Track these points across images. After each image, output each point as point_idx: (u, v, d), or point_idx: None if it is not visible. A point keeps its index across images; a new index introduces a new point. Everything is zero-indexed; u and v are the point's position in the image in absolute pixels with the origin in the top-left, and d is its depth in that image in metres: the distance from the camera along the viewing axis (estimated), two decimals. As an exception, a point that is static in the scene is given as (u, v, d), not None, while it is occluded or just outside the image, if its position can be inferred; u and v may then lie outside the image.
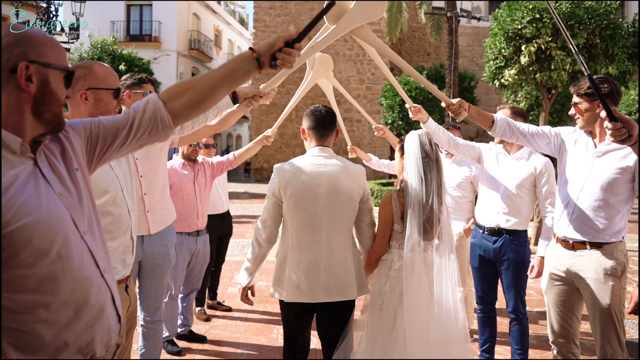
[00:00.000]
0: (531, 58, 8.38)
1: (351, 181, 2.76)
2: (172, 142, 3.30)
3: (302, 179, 2.71)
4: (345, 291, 2.70)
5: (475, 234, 3.72)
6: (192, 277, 4.43)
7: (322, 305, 2.71)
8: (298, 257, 2.71)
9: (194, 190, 4.23)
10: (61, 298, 1.20)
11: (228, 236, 5.35)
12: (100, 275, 1.33)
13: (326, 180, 2.71)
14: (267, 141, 4.42)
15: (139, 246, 3.13)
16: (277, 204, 2.75)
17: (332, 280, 2.68)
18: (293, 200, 2.70)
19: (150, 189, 3.13)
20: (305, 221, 2.71)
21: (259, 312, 5.31)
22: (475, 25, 26.68)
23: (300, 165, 2.76)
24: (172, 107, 1.51)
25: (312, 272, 2.68)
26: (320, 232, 2.70)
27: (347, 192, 2.73)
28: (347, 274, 2.71)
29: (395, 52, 3.08)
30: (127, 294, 2.22)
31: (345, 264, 2.72)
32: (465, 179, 4.32)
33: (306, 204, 2.70)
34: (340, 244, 2.73)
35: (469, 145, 3.70)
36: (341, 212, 2.73)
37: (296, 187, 2.69)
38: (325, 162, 2.77)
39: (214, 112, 2.51)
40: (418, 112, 3.48)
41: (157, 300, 3.28)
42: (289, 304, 2.73)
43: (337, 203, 2.71)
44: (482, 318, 3.77)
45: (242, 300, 2.92)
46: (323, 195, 2.70)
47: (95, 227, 1.38)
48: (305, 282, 2.67)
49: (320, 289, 2.67)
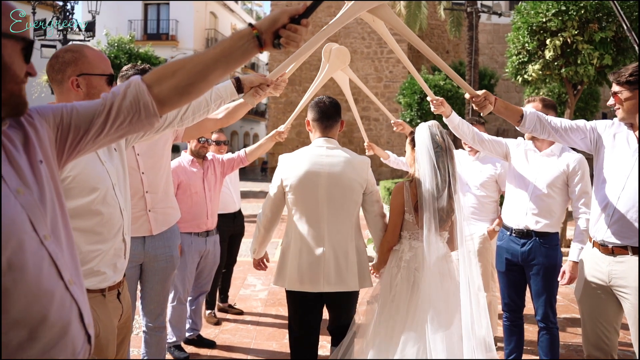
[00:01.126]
0: (556, 52, 8.04)
1: (353, 172, 2.77)
2: (177, 137, 3.10)
3: (302, 169, 2.75)
4: (346, 282, 2.72)
5: (502, 236, 3.45)
6: (202, 279, 4.24)
7: (328, 295, 2.75)
8: (300, 246, 2.75)
9: (203, 189, 4.03)
10: (12, 316, 0.99)
11: (240, 236, 5.15)
12: (64, 287, 1.11)
13: (326, 171, 2.74)
14: (279, 137, 4.20)
15: (140, 248, 2.94)
16: (279, 193, 2.82)
17: (333, 270, 2.70)
18: (294, 190, 2.75)
19: (152, 186, 2.94)
20: (305, 211, 2.75)
21: (272, 316, 5.10)
22: (495, 22, 26.24)
23: (303, 155, 2.82)
24: (157, 92, 1.29)
25: (313, 261, 2.71)
26: (320, 222, 2.74)
27: (347, 183, 2.75)
28: (348, 264, 2.73)
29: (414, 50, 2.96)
30: (119, 302, 2.01)
31: (346, 254, 2.74)
32: (490, 178, 4.06)
33: (306, 194, 2.74)
34: (341, 235, 2.75)
35: (496, 141, 3.44)
36: (342, 202, 2.75)
37: (297, 177, 2.75)
38: (328, 152, 2.80)
39: (216, 103, 2.30)
40: (440, 105, 3.24)
41: (160, 305, 3.08)
42: (293, 293, 2.79)
43: (337, 194, 2.73)
44: (508, 326, 3.50)
45: (254, 267, 3.15)
46: (323, 185, 2.73)
47: (62, 230, 1.17)
48: (306, 271, 2.71)
49: (321, 279, 2.69)
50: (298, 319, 2.85)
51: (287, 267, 2.77)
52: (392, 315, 2.66)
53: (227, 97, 2.33)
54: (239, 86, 2.35)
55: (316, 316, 2.85)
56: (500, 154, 3.47)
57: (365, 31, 24.49)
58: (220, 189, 4.23)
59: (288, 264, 2.77)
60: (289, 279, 2.75)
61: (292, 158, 2.83)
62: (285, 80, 2.79)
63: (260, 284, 6.30)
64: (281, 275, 2.81)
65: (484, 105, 2.65)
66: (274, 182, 2.85)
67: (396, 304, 2.67)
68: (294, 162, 2.80)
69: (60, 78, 1.92)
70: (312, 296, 2.75)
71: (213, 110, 2.35)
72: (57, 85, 1.94)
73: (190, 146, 4.12)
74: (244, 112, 2.94)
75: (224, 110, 2.94)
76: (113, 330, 1.93)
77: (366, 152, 4.53)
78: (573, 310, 5.27)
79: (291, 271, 2.74)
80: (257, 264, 3.15)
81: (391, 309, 2.67)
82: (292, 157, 2.83)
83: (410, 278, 2.66)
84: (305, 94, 3.82)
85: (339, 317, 2.86)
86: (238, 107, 2.88)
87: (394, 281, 2.71)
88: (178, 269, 3.92)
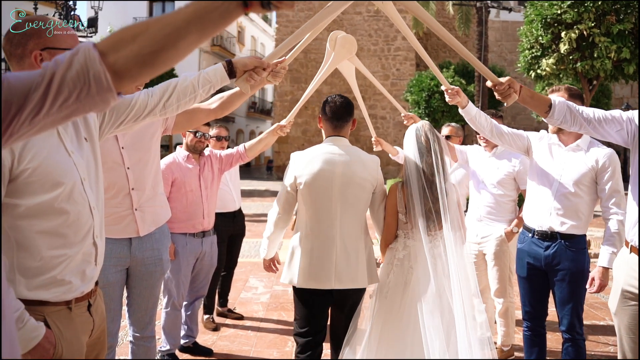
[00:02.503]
0: (571, 45, 7.74)
1: (364, 171, 2.78)
2: (166, 129, 2.83)
3: (316, 167, 2.74)
4: (356, 279, 2.74)
5: (523, 238, 3.16)
6: (198, 283, 3.96)
7: (335, 293, 2.74)
8: (311, 243, 2.75)
9: (199, 186, 3.75)
10: None
11: (240, 237, 4.88)
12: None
13: (340, 170, 2.74)
14: (281, 131, 3.93)
15: (125, 250, 2.67)
16: (292, 191, 2.81)
17: (344, 267, 2.71)
18: (307, 188, 2.74)
19: (139, 183, 2.67)
20: (318, 209, 2.75)
21: (273, 321, 4.82)
22: (503, 19, 25.90)
23: (315, 153, 2.79)
24: (113, 60, 1.01)
25: (325, 259, 2.71)
26: (333, 220, 2.74)
27: (360, 182, 2.76)
28: (358, 262, 2.75)
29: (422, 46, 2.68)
30: (90, 315, 1.74)
31: (357, 252, 2.76)
32: (508, 175, 3.76)
33: (320, 192, 2.73)
34: (352, 233, 2.77)
35: (516, 134, 3.15)
36: (354, 201, 2.76)
37: (310, 175, 2.73)
38: (340, 151, 2.80)
39: (204, 88, 2.03)
40: (456, 95, 2.96)
41: (148, 313, 2.81)
42: (301, 290, 2.76)
43: (350, 192, 2.74)
44: (529, 337, 3.21)
45: (265, 269, 3.03)
46: (337, 184, 2.73)
47: None
48: (317, 269, 2.71)
49: (332, 276, 2.70)
50: (305, 317, 2.81)
51: (297, 264, 2.75)
52: (386, 312, 2.71)
53: (217, 82, 2.06)
54: (230, 70, 2.08)
55: (323, 316, 2.85)
56: (520, 149, 3.17)
57: (372, 28, 24.20)
58: (217, 187, 3.96)
59: (298, 261, 2.75)
60: (300, 276, 2.73)
61: (305, 156, 2.81)
62: (285, 68, 2.51)
63: (262, 286, 6.03)
64: (290, 271, 2.78)
65: (508, 94, 2.36)
66: (287, 179, 2.83)
67: (389, 300, 2.71)
68: (307, 159, 2.79)
69: (20, 53, 1.65)
70: (321, 294, 2.75)
71: (201, 97, 2.08)
72: (17, 61, 1.66)
73: (185, 141, 3.85)
74: (240, 101, 2.67)
75: (217, 99, 2.68)
76: (80, 349, 1.66)
77: (374, 147, 4.29)
78: (593, 317, 4.96)
79: (302, 268, 2.73)
80: (268, 265, 3.06)
81: (385, 305, 2.72)
82: (305, 155, 2.82)
83: (404, 276, 2.70)
84: (310, 85, 3.60)
85: (347, 315, 2.83)
86: (233, 97, 2.61)
87: (387, 279, 2.77)
88: (172, 272, 3.66)
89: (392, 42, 24.20)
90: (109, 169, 2.60)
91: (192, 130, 3.77)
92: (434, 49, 26.68)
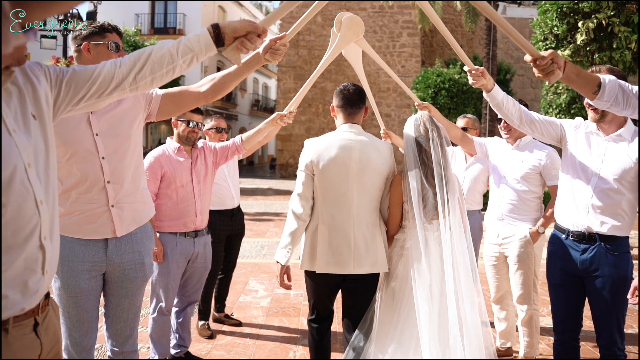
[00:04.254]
0: (589, 36, 7.34)
1: (380, 157, 2.80)
2: (150, 115, 2.47)
3: (333, 153, 2.75)
4: (376, 263, 2.75)
5: (556, 240, 2.79)
6: (190, 287, 3.59)
7: (350, 278, 2.76)
8: (329, 229, 2.75)
9: (190, 181, 3.39)
10: None
11: (239, 236, 4.52)
12: None
13: (357, 155, 2.75)
14: (281, 121, 3.59)
15: (101, 253, 2.32)
16: (311, 176, 2.80)
17: (362, 252, 2.73)
18: (324, 174, 2.75)
19: (116, 175, 2.31)
20: (336, 194, 2.76)
21: (274, 328, 4.46)
22: (510, 15, 25.49)
23: (331, 140, 2.80)
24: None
25: (343, 244, 2.73)
26: (350, 205, 2.74)
27: (376, 168, 2.78)
28: (377, 247, 2.76)
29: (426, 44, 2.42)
30: (36, 337, 1.38)
31: (374, 237, 2.77)
32: (533, 169, 3.39)
33: (337, 178, 2.75)
34: (369, 217, 2.78)
35: (548, 122, 2.78)
36: (371, 186, 2.78)
37: (328, 161, 2.74)
38: (356, 137, 2.81)
39: (185, 59, 1.67)
40: (480, 76, 2.60)
41: (128, 324, 2.46)
42: (319, 276, 2.77)
43: (367, 178, 2.76)
44: (561, 350, 2.82)
45: (281, 285, 2.81)
46: (354, 169, 2.74)
47: None
48: (337, 254, 2.73)
49: (351, 261, 2.71)
50: (323, 302, 2.89)
51: (317, 250, 2.75)
52: (394, 303, 2.71)
53: (200, 51, 1.71)
54: (218, 36, 1.72)
55: (332, 302, 2.93)
56: (553, 138, 2.80)
57: (377, 24, 23.79)
58: (212, 182, 3.59)
59: (317, 247, 2.75)
60: (319, 262, 2.73)
61: (321, 142, 2.81)
62: (285, 45, 2.17)
63: (263, 289, 5.66)
64: (311, 258, 2.77)
65: (551, 71, 2.00)
66: (303, 166, 2.81)
67: (398, 292, 2.71)
68: (323, 145, 2.79)
69: None
70: (335, 280, 2.78)
71: (181, 70, 1.73)
72: None
73: (177, 131, 3.49)
74: (234, 83, 2.32)
75: (208, 81, 2.34)
76: None
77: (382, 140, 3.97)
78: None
79: (321, 254, 2.74)
80: (283, 274, 2.78)
81: (392, 296, 2.73)
82: (321, 141, 2.82)
83: (412, 266, 2.68)
84: (315, 71, 3.36)
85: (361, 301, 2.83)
86: (227, 77, 2.26)
87: (395, 269, 2.77)
88: (160, 275, 3.31)
89: (397, 39, 23.79)
90: (81, 158, 2.24)
91: (184, 119, 3.42)
92: (439, 46, 26.29)
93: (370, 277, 2.78)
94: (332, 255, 2.72)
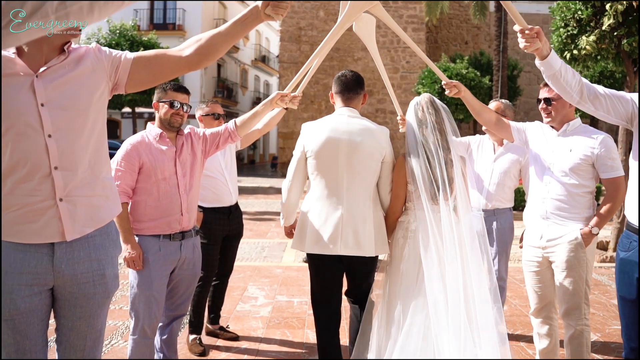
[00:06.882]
0: (617, 20, 6.77)
1: (372, 140, 2.82)
2: (117, 84, 1.92)
3: (323, 134, 2.81)
4: (363, 247, 2.77)
5: (627, 244, 2.23)
6: (176, 298, 3.02)
7: (347, 259, 2.82)
8: (319, 210, 2.82)
9: (174, 173, 2.83)
10: None
11: (237, 237, 3.97)
12: None
13: (347, 137, 2.79)
14: (282, 102, 3.03)
15: (46, 263, 1.76)
16: (302, 159, 2.87)
17: (350, 234, 2.76)
18: (315, 155, 2.81)
19: (66, 159, 1.75)
20: (325, 176, 2.82)
21: (276, 342, 3.91)
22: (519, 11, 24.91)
23: (324, 123, 2.87)
24: None
25: (331, 225, 2.77)
26: (340, 187, 2.80)
27: (367, 150, 2.79)
28: (365, 230, 2.77)
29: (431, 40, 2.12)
30: None
31: (364, 220, 2.78)
32: (584, 160, 2.83)
33: (326, 159, 2.80)
34: (359, 200, 2.81)
35: (617, 96, 2.23)
36: (361, 169, 2.80)
37: (318, 142, 2.80)
38: (349, 120, 2.85)
39: None
40: (535, 38, 2.08)
41: (86, 353, 1.90)
42: (313, 257, 2.87)
43: (356, 160, 2.79)
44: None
45: (286, 235, 3.10)
46: (343, 151, 2.78)
47: None
48: (325, 234, 2.77)
49: (339, 242, 2.76)
50: (319, 283, 2.95)
51: (307, 230, 2.83)
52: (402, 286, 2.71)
53: None
54: None
55: (336, 282, 2.93)
56: (622, 117, 2.25)
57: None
58: (200, 174, 3.03)
59: (307, 227, 2.83)
60: (308, 242, 2.81)
61: (314, 125, 2.89)
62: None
63: (263, 296, 5.10)
64: (301, 238, 2.88)
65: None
66: (296, 148, 2.91)
67: (405, 274, 2.71)
68: (315, 129, 2.86)
69: None
70: (331, 260, 2.83)
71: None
72: None
73: (158, 114, 2.93)
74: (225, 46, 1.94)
75: (194, 42, 1.92)
76: None
77: (400, 128, 3.51)
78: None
79: (310, 234, 2.81)
80: (289, 231, 3.11)
81: (400, 279, 2.73)
82: (314, 125, 2.90)
83: (418, 248, 2.68)
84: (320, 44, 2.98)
85: (358, 283, 2.95)
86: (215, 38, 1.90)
87: (402, 252, 2.76)
88: (140, 288, 2.76)
89: (401, 34, 23.24)
90: (19, 135, 1.69)
91: (166, 99, 2.87)
92: (444, 42, 25.80)
93: (363, 259, 2.81)
94: (320, 235, 2.78)
